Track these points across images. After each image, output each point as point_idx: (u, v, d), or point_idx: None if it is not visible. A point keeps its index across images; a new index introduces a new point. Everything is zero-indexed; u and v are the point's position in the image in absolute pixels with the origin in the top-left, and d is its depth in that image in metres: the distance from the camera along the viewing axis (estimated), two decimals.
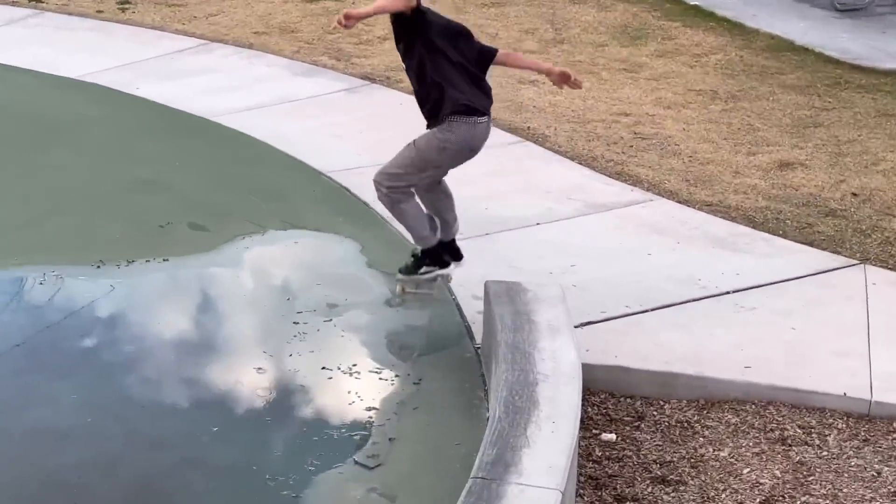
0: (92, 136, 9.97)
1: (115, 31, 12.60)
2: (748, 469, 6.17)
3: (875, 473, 6.14)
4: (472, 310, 7.47)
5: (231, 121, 10.33)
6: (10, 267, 7.94)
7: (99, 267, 7.93)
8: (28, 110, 10.42)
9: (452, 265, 7.58)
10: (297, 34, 12.52)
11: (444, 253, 7.51)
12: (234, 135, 10.08)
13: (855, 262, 8.21)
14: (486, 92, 7.12)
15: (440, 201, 7.43)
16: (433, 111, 7.02)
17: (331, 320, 7.41)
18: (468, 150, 7.15)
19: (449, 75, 6.90)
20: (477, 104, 7.00)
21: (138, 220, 8.58)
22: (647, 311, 7.49)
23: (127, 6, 13.29)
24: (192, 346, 7.22)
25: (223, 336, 7.35)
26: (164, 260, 8.10)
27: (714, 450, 6.33)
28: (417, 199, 7.38)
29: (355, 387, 6.75)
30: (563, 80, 7.34)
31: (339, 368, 6.89)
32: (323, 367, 6.90)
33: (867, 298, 7.71)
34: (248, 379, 6.84)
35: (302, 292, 7.77)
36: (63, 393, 6.58)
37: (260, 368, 6.93)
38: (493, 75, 11.47)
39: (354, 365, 6.95)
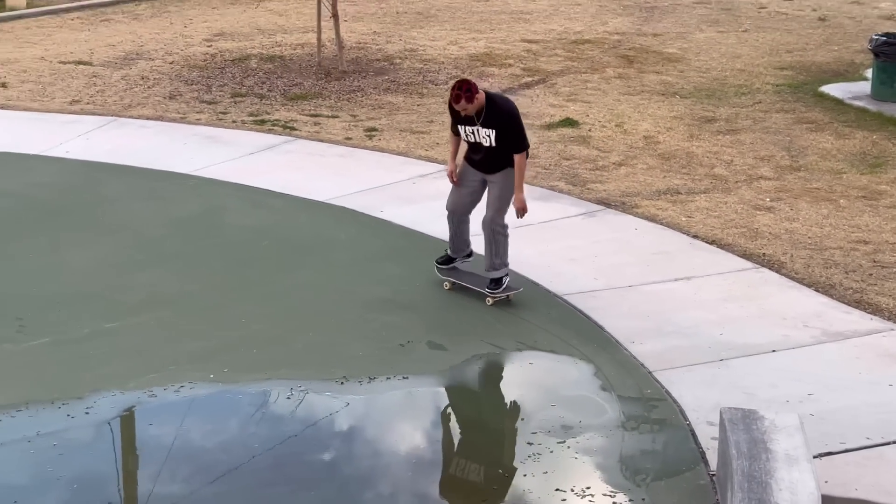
0: (338, 257, 10.26)
1: (362, 157, 12.99)
2: None
3: None
4: (707, 436, 7.30)
5: None
6: (260, 381, 8.18)
7: (342, 383, 8.10)
8: (280, 231, 10.80)
9: None
10: (535, 160, 12.66)
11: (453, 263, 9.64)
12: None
13: None
14: None
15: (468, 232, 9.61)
16: (503, 161, 9.10)
17: (564, 441, 7.35)
18: None
19: None
20: None
21: (380, 339, 8.75)
22: (889, 443, 7.17)
23: (374, 133, 13.71)
24: (427, 462, 7.26)
25: (458, 453, 7.39)
26: (403, 377, 8.22)
27: None
28: None
29: None
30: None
31: (572, 490, 6.81)
32: (556, 489, 6.83)
33: None
34: (481, 497, 6.82)
35: (536, 413, 7.75)
36: None
37: (494, 487, 6.91)
38: (728, 202, 11.37)
39: (588, 487, 6.86)
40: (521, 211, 9.17)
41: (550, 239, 10.58)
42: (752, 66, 16.37)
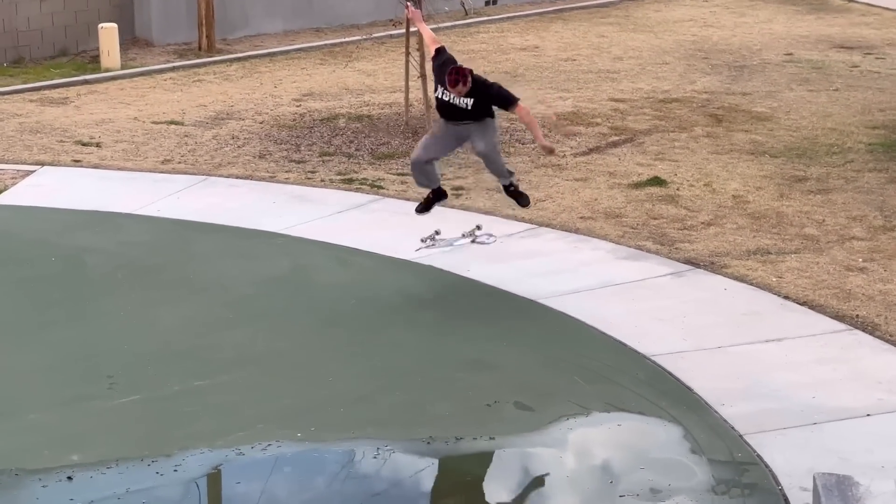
0: (424, 315, 10.28)
1: (449, 216, 13.00)
2: None
3: None
4: (800, 502, 7.19)
5: (556, 303, 10.44)
6: (346, 440, 8.20)
7: (428, 443, 8.08)
8: (367, 290, 10.85)
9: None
10: (622, 219, 12.62)
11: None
12: (559, 317, 10.17)
13: None
14: None
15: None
16: (482, 113, 10.42)
17: None
18: None
19: None
20: None
21: (466, 398, 8.73)
22: None
23: (460, 192, 13.76)
24: None
25: None
26: (490, 438, 8.18)
27: None
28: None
29: None
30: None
31: None
32: None
33: None
34: None
35: (624, 475, 7.67)
36: None
37: None
38: (820, 263, 11.22)
39: None
40: (550, 151, 10.77)
41: (638, 299, 10.52)
42: (844, 124, 16.18)
